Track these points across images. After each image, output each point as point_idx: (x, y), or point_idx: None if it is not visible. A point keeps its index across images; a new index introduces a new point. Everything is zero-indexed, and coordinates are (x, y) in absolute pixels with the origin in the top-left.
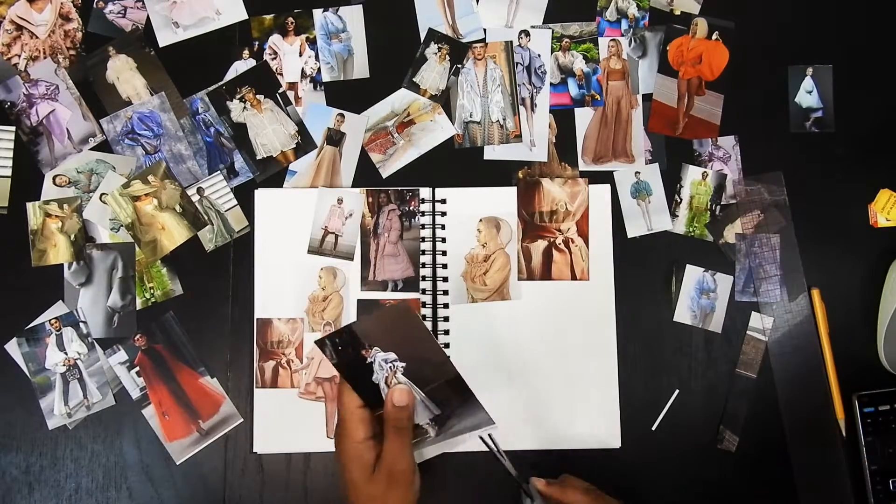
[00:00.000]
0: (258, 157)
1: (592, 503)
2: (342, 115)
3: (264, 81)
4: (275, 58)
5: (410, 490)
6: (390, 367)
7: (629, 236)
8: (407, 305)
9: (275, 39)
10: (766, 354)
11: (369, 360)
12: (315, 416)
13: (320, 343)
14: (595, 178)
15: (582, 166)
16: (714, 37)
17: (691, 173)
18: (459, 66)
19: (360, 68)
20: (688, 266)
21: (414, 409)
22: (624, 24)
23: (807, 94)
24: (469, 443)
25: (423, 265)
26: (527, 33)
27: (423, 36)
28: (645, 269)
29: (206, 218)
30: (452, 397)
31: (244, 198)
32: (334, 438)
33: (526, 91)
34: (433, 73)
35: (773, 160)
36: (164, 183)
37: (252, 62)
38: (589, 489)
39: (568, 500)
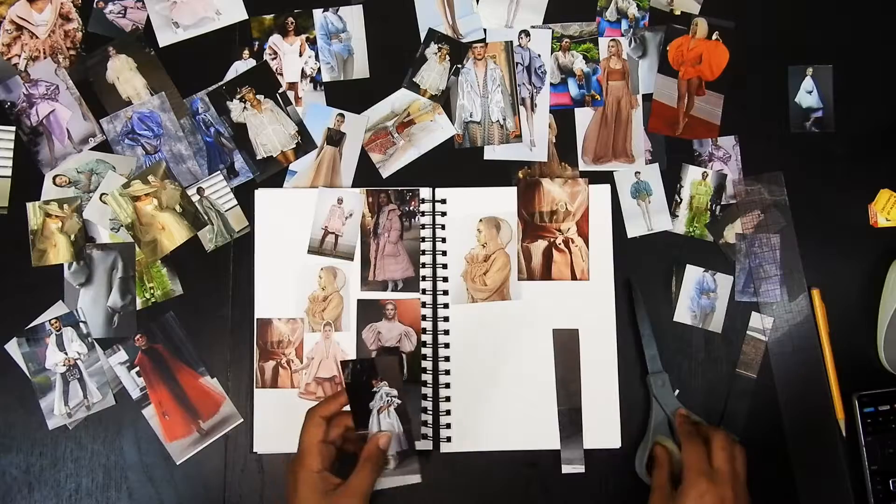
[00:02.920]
0: (258, 157)
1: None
2: (342, 115)
3: (264, 81)
4: (275, 58)
5: None
6: (387, 401)
7: (629, 236)
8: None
9: (275, 39)
10: (766, 354)
11: (375, 389)
12: None
13: (344, 364)
14: (595, 178)
15: (582, 166)
16: (714, 37)
17: (691, 173)
18: (459, 66)
19: (360, 68)
20: (688, 266)
21: (388, 449)
22: (624, 24)
23: (807, 94)
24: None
25: (423, 265)
26: (527, 33)
27: (423, 36)
28: (645, 269)
29: (206, 218)
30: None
31: (244, 198)
32: (289, 466)
33: (526, 91)
34: (433, 73)
35: (773, 160)
36: (164, 183)
37: (252, 62)
38: (732, 457)
39: (714, 450)
